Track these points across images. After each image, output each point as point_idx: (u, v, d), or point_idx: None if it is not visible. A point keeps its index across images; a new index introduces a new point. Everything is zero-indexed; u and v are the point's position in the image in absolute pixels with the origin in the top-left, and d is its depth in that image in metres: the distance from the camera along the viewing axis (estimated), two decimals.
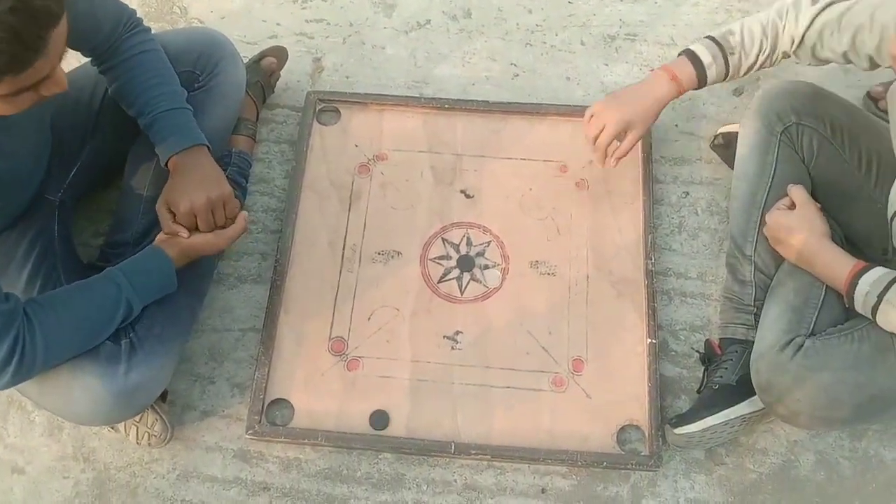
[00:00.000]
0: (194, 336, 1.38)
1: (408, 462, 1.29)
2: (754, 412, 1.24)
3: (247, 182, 1.49)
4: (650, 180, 1.49)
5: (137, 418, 1.25)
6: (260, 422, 1.28)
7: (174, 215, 1.18)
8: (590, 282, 1.41)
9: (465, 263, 1.42)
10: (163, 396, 1.30)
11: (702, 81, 1.29)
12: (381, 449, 1.29)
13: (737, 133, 1.43)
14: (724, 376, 1.27)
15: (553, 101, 1.60)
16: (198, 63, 1.32)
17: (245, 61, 1.50)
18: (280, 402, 1.31)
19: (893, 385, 1.10)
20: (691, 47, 1.30)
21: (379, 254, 1.43)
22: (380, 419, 1.29)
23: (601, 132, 1.33)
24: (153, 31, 1.25)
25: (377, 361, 1.34)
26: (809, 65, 1.26)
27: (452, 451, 1.26)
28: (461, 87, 1.63)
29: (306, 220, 1.45)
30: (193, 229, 1.18)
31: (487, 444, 1.27)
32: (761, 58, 1.26)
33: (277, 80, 1.59)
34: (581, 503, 1.27)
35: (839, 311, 1.19)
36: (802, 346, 1.13)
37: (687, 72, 1.28)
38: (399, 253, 1.43)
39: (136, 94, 1.20)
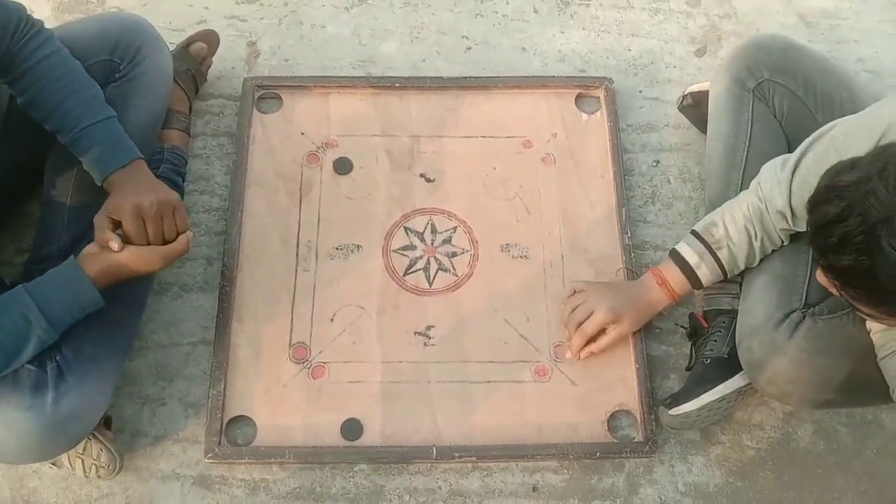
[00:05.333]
0: (138, 354, 1.26)
1: (386, 472, 1.20)
2: (750, 384, 1.18)
3: (183, 181, 1.36)
4: (619, 150, 1.42)
5: (80, 450, 1.14)
6: (220, 443, 1.18)
7: (115, 225, 1.04)
8: (565, 262, 1.33)
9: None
10: (107, 424, 1.19)
11: (696, 284, 1.18)
12: (355, 461, 1.20)
13: (705, 92, 1.37)
14: (715, 349, 1.21)
15: (510, 72, 1.52)
16: (115, 51, 1.20)
17: (172, 48, 1.38)
18: (240, 420, 1.21)
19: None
20: (677, 247, 1.20)
21: (337, 249, 1.33)
22: (352, 429, 1.20)
23: (588, 318, 1.21)
24: (66, 22, 1.12)
25: (344, 366, 1.24)
26: None
27: (434, 456, 1.18)
28: (411, 64, 1.53)
29: (254, 218, 1.35)
30: (140, 241, 1.05)
31: (471, 444, 1.20)
32: (756, 244, 1.12)
33: (209, 66, 1.47)
34: (576, 498, 1.19)
35: None
36: (799, 324, 1.07)
37: (675, 276, 1.19)
38: (359, 246, 1.33)
39: (50, 108, 1.08)
